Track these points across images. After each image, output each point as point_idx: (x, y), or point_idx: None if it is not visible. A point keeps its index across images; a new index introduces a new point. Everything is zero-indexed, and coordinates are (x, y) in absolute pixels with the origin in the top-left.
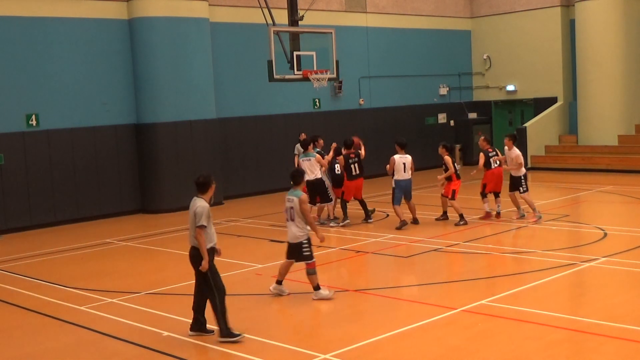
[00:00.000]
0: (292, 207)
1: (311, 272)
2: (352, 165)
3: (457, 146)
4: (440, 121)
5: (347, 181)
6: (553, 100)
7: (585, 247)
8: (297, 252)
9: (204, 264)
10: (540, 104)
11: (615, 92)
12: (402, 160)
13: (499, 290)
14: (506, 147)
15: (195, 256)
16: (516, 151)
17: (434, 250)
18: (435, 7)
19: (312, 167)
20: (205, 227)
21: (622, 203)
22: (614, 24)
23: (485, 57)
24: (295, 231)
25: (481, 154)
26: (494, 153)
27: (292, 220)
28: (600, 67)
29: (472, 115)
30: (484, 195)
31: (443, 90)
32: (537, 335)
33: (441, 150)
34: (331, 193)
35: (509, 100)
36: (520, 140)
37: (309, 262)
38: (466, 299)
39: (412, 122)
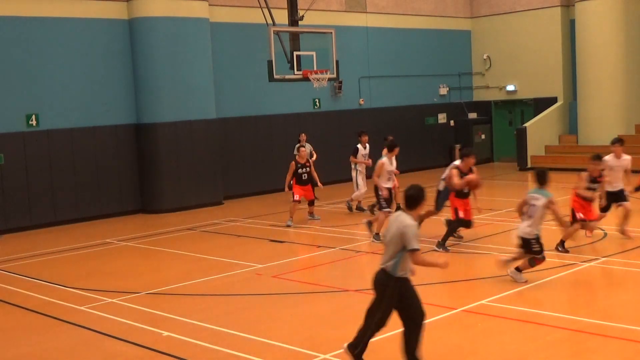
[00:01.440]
0: (534, 205)
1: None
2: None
3: (457, 146)
4: (440, 121)
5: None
6: (553, 100)
7: (585, 247)
8: (527, 246)
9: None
10: (540, 104)
11: (615, 92)
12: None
13: (500, 290)
14: (611, 156)
15: (382, 282)
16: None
17: (434, 250)
18: (435, 7)
19: None
20: (419, 250)
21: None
22: (614, 24)
23: (485, 57)
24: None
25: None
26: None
27: (531, 217)
28: (600, 67)
29: (472, 115)
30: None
31: (443, 90)
32: (537, 335)
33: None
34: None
35: (509, 100)
36: (520, 140)
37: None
38: (466, 298)
39: (412, 122)
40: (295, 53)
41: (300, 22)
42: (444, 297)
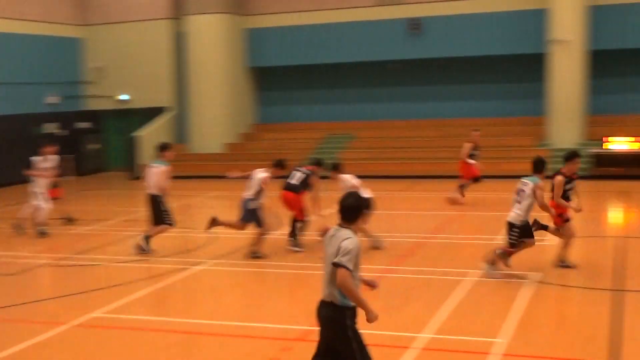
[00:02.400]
0: (523, 190)
1: (503, 255)
2: None
3: (70, 156)
4: (50, 130)
5: None
6: (164, 110)
7: (196, 251)
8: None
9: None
10: (153, 114)
11: (223, 102)
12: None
13: (112, 300)
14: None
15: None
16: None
17: (41, 265)
18: (43, 12)
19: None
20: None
21: (231, 207)
22: (221, 38)
23: (97, 66)
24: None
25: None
26: None
27: (519, 202)
28: (209, 79)
29: (84, 125)
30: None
31: (53, 99)
32: (152, 341)
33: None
34: None
35: (123, 109)
36: (130, 150)
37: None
38: (78, 313)
39: (19, 132)
40: None
41: None
42: (54, 314)
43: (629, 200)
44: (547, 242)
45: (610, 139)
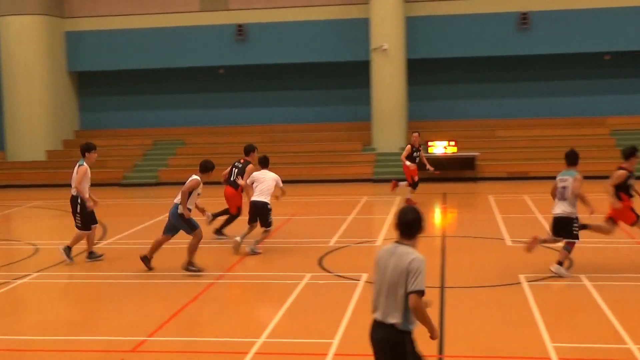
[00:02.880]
0: (565, 187)
1: (568, 251)
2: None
3: None
4: None
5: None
6: None
7: (17, 264)
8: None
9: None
10: None
11: (41, 107)
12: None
13: None
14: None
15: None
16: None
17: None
18: None
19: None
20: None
21: (53, 217)
22: (37, 40)
23: None
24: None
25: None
26: None
27: (566, 199)
28: (25, 83)
29: None
30: None
31: None
32: None
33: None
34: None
35: None
36: None
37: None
38: None
39: None
40: None
41: None
42: None
43: (447, 201)
44: (376, 244)
45: (432, 143)
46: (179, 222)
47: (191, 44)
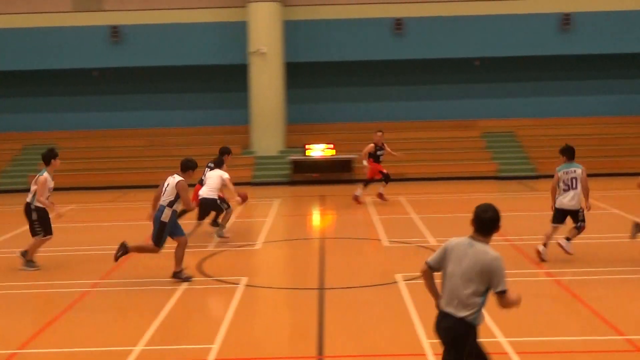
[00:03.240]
0: (575, 178)
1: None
2: None
3: None
4: None
5: None
6: None
7: None
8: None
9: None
10: None
11: None
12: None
13: None
14: None
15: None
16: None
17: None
18: None
19: None
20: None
21: None
22: None
23: None
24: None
25: None
26: None
27: (575, 188)
28: None
29: None
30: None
31: None
32: None
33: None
34: None
35: None
36: None
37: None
38: None
39: None
40: None
41: None
42: None
43: (325, 203)
44: (256, 247)
45: (310, 146)
46: (154, 226)
47: (63, 46)
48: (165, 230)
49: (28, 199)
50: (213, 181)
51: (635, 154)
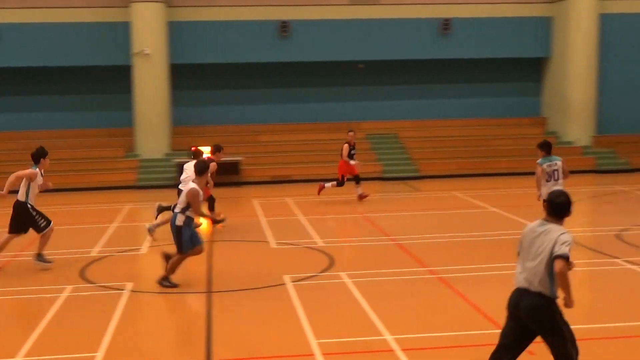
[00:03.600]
0: (557, 169)
1: None
2: None
3: None
4: None
5: None
6: None
7: None
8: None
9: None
10: None
11: None
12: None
13: None
14: None
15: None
16: None
17: None
18: None
19: None
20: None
21: None
22: None
23: None
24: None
25: None
26: None
27: (557, 180)
28: None
29: None
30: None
31: None
32: None
33: None
34: None
35: None
36: None
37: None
38: None
39: None
40: None
41: None
42: None
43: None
44: (141, 252)
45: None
46: (173, 234)
47: None
48: (182, 233)
49: (21, 198)
50: (188, 175)
51: (509, 155)
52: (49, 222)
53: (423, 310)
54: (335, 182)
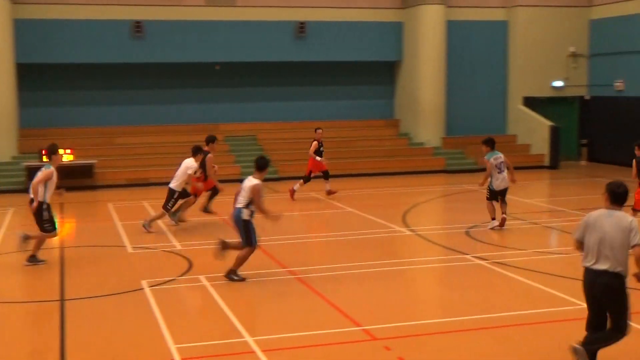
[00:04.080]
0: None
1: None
2: None
3: None
4: None
5: None
6: None
7: None
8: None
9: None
10: None
11: None
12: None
13: None
14: None
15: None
16: None
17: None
18: None
19: None
20: None
21: None
22: None
23: None
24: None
25: None
26: None
27: (503, 171)
28: None
29: None
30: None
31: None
32: None
33: None
34: None
35: None
36: None
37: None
38: None
39: None
40: None
41: None
42: None
43: (65, 210)
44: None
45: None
46: (239, 229)
47: None
48: (249, 227)
49: (40, 198)
50: (179, 170)
51: (365, 156)
52: (54, 229)
53: (283, 311)
54: (302, 181)
